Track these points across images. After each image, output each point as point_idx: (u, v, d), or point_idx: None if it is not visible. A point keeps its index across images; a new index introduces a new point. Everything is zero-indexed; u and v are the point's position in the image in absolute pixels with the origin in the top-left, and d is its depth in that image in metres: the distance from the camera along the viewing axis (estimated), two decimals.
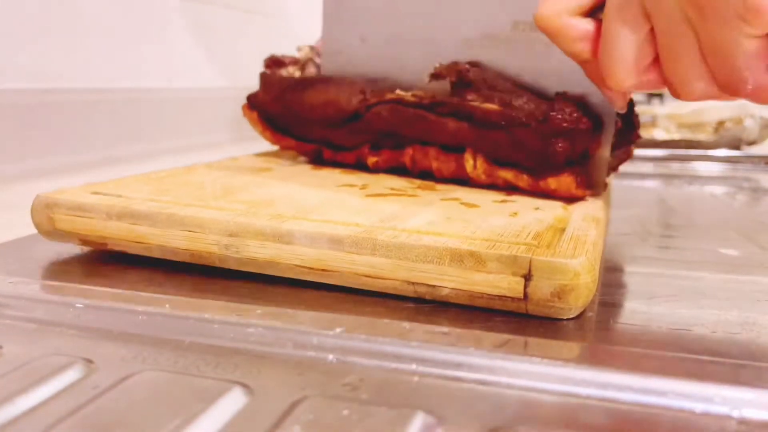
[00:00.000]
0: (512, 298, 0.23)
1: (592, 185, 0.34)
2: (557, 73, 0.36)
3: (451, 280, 0.24)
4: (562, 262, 0.23)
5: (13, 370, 0.19)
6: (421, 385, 0.19)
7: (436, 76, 0.38)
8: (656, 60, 0.26)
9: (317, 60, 0.45)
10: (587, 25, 0.27)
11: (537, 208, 0.31)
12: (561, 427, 0.17)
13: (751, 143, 0.70)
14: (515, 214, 0.30)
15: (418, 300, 0.25)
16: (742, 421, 0.17)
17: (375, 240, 0.25)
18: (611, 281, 0.28)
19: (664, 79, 0.26)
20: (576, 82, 0.34)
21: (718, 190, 0.54)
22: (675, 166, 0.65)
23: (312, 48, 0.46)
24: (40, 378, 0.19)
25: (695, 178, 0.59)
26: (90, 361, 0.20)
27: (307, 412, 0.17)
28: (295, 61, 0.46)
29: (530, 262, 0.23)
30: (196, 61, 0.61)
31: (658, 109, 0.88)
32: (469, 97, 0.36)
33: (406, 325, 0.22)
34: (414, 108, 0.38)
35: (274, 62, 0.46)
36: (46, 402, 0.18)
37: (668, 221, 0.42)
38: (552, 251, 0.23)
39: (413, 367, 0.20)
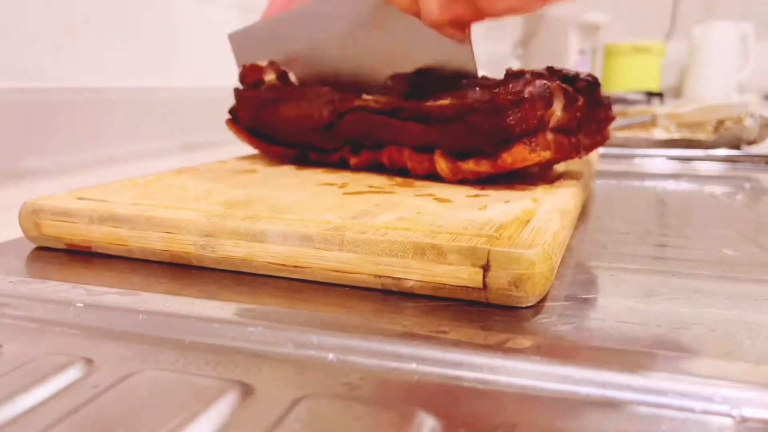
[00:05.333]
0: (473, 288, 0.24)
1: (553, 147, 0.35)
2: (417, 39, 0.40)
3: (415, 273, 0.25)
4: (518, 252, 0.23)
5: (13, 370, 0.19)
6: (421, 384, 0.19)
7: (388, 89, 0.41)
8: None
9: (282, 84, 0.47)
10: None
11: (507, 202, 0.32)
12: (561, 427, 0.17)
13: (751, 142, 0.70)
14: (484, 207, 0.31)
15: (418, 299, 0.25)
16: (742, 421, 0.17)
17: (343, 236, 0.26)
18: (610, 280, 0.28)
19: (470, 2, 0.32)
20: (434, 43, 0.38)
21: (718, 189, 0.54)
22: (675, 166, 0.65)
23: (276, 71, 0.48)
24: (40, 377, 0.19)
25: (695, 178, 0.59)
26: (90, 361, 0.20)
27: (307, 411, 0.17)
28: (260, 81, 0.47)
29: (488, 253, 0.24)
30: (196, 61, 0.61)
31: (657, 108, 0.88)
32: (425, 101, 0.38)
33: (407, 323, 0.22)
34: (379, 114, 0.40)
35: (241, 82, 0.47)
36: (46, 401, 0.18)
37: (668, 220, 0.42)
38: (511, 242, 0.24)
39: (413, 366, 0.20)
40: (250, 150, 0.54)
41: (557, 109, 0.35)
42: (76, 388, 0.18)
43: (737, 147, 0.69)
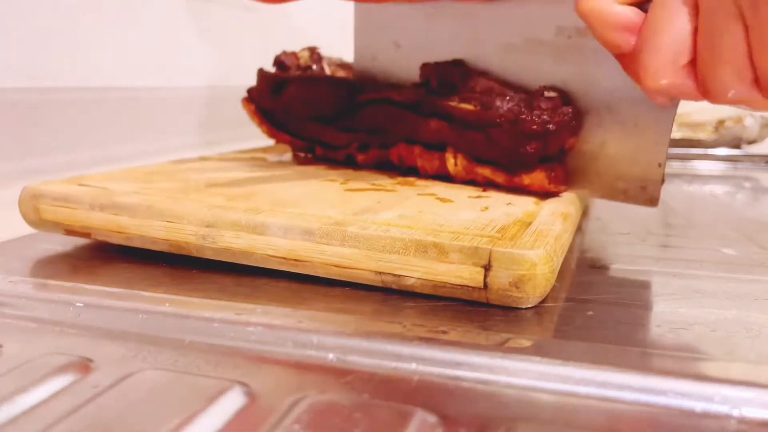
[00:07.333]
0: (473, 288, 0.24)
1: (567, 181, 0.35)
2: (605, 79, 0.34)
3: (416, 270, 0.25)
4: (520, 253, 0.23)
5: (13, 369, 0.19)
6: (420, 384, 0.19)
7: (421, 77, 0.39)
8: (692, 62, 0.25)
9: (315, 67, 0.46)
10: (633, 14, 0.25)
11: (509, 204, 0.32)
12: (561, 426, 0.17)
13: (751, 142, 0.70)
14: (486, 208, 0.31)
15: (419, 299, 0.25)
16: (742, 420, 0.17)
17: (344, 231, 0.26)
18: (611, 280, 0.28)
19: (699, 78, 0.25)
20: (624, 91, 0.33)
21: (718, 189, 0.54)
22: (675, 165, 0.65)
23: (312, 52, 0.47)
24: (39, 377, 0.19)
25: (695, 177, 0.59)
26: (90, 360, 0.20)
27: (307, 411, 0.17)
28: (297, 66, 0.46)
29: (490, 253, 0.24)
30: (197, 60, 0.61)
31: None
32: (450, 99, 0.37)
33: (406, 324, 0.22)
34: (399, 107, 0.39)
35: (279, 64, 0.47)
36: (46, 401, 0.18)
37: (668, 220, 0.42)
38: (513, 243, 0.24)
39: (413, 366, 0.20)
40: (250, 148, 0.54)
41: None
42: (76, 388, 0.18)
43: (737, 146, 0.69)
